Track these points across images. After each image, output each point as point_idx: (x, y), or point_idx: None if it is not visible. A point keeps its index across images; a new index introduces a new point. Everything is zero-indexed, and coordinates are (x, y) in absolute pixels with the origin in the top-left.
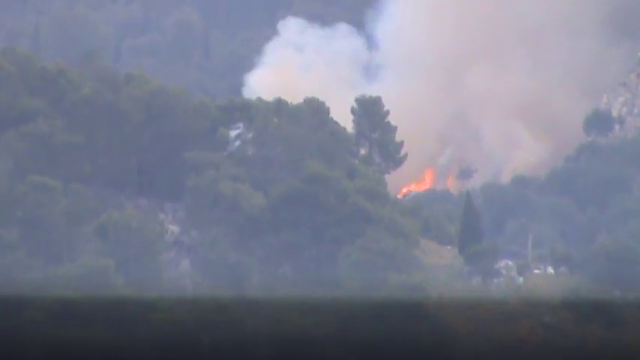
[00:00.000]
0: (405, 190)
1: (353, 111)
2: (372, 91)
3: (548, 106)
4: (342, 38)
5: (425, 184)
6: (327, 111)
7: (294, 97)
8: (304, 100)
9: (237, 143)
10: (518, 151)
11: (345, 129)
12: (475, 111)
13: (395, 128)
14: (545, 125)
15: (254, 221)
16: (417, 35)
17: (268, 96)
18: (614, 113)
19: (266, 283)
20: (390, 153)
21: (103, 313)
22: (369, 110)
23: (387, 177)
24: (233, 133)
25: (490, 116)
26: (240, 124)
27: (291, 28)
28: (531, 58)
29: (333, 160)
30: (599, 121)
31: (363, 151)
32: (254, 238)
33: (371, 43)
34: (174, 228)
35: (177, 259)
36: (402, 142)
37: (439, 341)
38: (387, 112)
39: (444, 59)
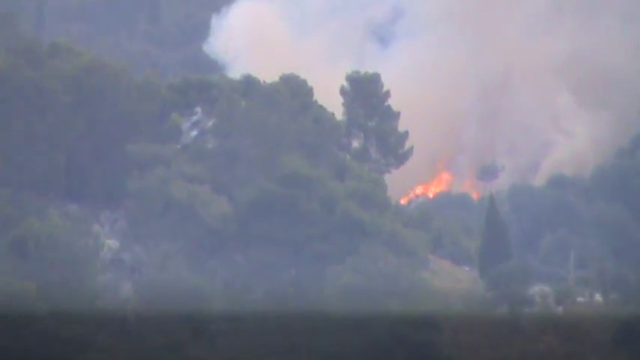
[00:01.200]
0: (410, 195)
1: (343, 91)
2: (377, 64)
3: (599, 74)
4: None
5: (436, 186)
6: (309, 92)
7: (271, 72)
8: (281, 78)
9: (194, 133)
10: (558, 141)
11: (333, 115)
12: (502, 90)
13: (397, 114)
14: (595, 103)
15: (216, 234)
16: None
17: (235, 72)
18: None
19: (232, 314)
20: (391, 146)
21: (21, 352)
22: (365, 91)
23: (387, 177)
24: (189, 121)
25: (522, 93)
26: (198, 109)
27: None
28: (584, 12)
29: (317, 155)
30: None
31: (356, 144)
32: (216, 255)
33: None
34: (112, 242)
35: (117, 282)
36: (406, 133)
37: None
38: (387, 94)
39: (473, 17)
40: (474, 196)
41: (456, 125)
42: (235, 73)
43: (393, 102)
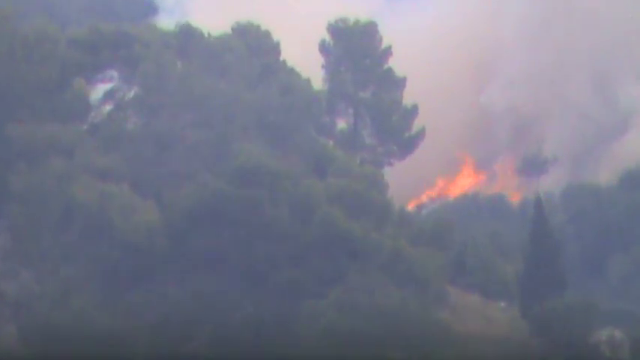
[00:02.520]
0: (422, 197)
1: (324, 48)
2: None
3: None
4: None
5: (459, 184)
6: (275, 47)
7: (224, 21)
8: (234, 29)
9: (108, 108)
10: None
11: (309, 82)
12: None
13: (403, 81)
14: None
15: (139, 254)
16: None
17: (168, 20)
18: None
19: None
20: (394, 127)
21: None
22: (355, 47)
23: (387, 172)
24: (100, 89)
25: (585, 37)
26: (114, 73)
27: None
28: None
29: (286, 140)
30: None
31: (342, 124)
32: (139, 284)
33: None
34: None
35: None
36: (415, 108)
37: None
38: (388, 51)
39: None
40: (514, 198)
41: (487, 98)
42: (169, 21)
43: (398, 63)
